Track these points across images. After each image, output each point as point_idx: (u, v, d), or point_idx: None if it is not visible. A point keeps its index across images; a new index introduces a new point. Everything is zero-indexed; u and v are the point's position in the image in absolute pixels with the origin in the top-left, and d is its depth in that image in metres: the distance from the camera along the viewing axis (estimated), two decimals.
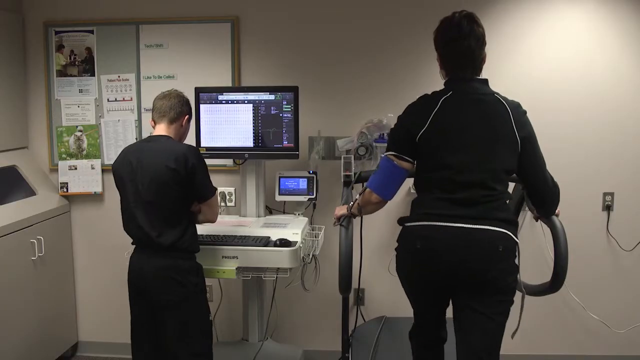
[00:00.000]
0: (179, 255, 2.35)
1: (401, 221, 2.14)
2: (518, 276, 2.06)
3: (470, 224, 1.96)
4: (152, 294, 2.35)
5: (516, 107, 2.05)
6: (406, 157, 2.06)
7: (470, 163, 1.97)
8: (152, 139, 2.43)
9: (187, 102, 2.50)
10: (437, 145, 2.01)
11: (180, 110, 2.45)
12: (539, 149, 2.07)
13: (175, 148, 2.33)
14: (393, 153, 2.08)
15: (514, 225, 2.02)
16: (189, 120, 2.51)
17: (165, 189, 2.30)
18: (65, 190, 3.40)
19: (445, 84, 2.09)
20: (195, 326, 2.40)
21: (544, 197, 2.16)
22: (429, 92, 2.10)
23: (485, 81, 2.07)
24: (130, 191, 2.35)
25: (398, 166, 2.08)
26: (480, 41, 2.03)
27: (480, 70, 2.08)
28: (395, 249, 2.16)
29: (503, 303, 2.05)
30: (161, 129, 2.43)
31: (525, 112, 2.07)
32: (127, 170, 2.36)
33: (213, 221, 2.51)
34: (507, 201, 2.06)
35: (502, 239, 1.97)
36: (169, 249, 2.32)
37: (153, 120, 2.47)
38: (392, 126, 2.16)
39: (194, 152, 2.36)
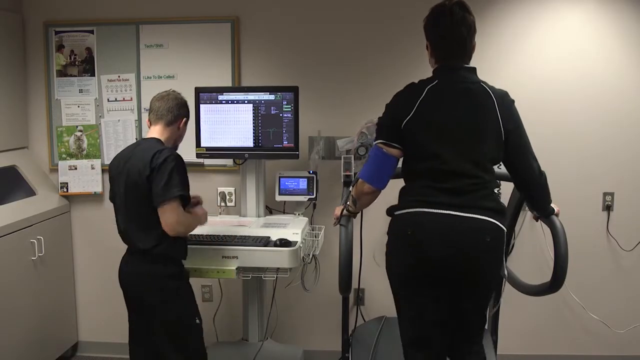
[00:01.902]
0: (157, 261, 2.28)
1: (390, 210, 2.13)
2: (504, 264, 2.07)
3: (458, 211, 1.95)
4: (134, 296, 2.35)
5: (502, 96, 2.04)
6: (394, 144, 2.05)
7: (455, 152, 1.97)
8: (141, 142, 2.39)
9: (184, 104, 2.44)
10: (421, 134, 2.00)
11: (178, 113, 2.40)
12: (526, 138, 2.07)
13: (151, 150, 2.24)
14: (381, 141, 2.07)
15: (501, 214, 2.02)
16: (186, 122, 2.46)
17: (139, 193, 2.24)
18: (65, 190, 3.40)
19: (433, 72, 2.09)
20: (181, 328, 2.36)
21: (530, 187, 2.14)
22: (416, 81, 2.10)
23: (473, 70, 2.07)
24: (116, 194, 2.35)
25: (387, 154, 2.07)
26: (472, 29, 2.04)
27: (469, 58, 2.08)
28: (386, 244, 2.14)
29: (487, 296, 2.10)
30: (155, 131, 2.38)
31: (512, 102, 2.06)
32: (114, 174, 2.36)
33: (170, 233, 2.24)
34: (495, 190, 2.05)
35: (489, 229, 1.97)
36: (147, 254, 2.27)
37: (149, 120, 2.43)
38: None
39: (166, 154, 2.23)
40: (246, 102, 2.92)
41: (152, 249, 2.26)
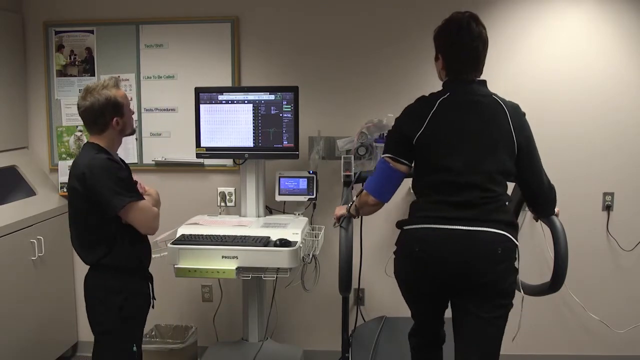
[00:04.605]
0: (107, 273, 2.19)
1: (400, 224, 2.13)
2: (517, 278, 2.05)
3: (469, 226, 1.94)
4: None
5: (515, 108, 2.04)
6: (402, 160, 2.05)
7: (468, 165, 1.96)
8: (82, 147, 2.26)
9: (108, 103, 2.16)
10: (434, 148, 2.00)
11: (104, 120, 2.17)
12: (537, 151, 2.07)
13: (79, 164, 2.13)
14: (389, 155, 2.07)
15: (513, 228, 2.01)
16: (121, 116, 2.21)
17: (76, 207, 2.18)
18: (65, 190, 3.39)
19: (443, 85, 2.08)
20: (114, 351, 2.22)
21: (539, 200, 2.15)
22: (427, 94, 2.09)
23: (484, 82, 2.07)
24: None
25: (394, 169, 2.07)
26: (486, 44, 2.04)
27: (481, 72, 2.07)
28: (394, 252, 2.14)
29: (502, 307, 2.03)
30: (93, 138, 2.22)
31: (524, 114, 2.06)
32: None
33: (147, 233, 2.26)
34: (507, 203, 2.04)
35: (501, 241, 1.96)
36: (96, 267, 2.20)
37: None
38: (391, 127, 2.15)
39: (92, 168, 2.10)
40: (246, 102, 2.91)
41: (99, 261, 2.17)
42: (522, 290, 2.16)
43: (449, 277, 1.99)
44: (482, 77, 2.09)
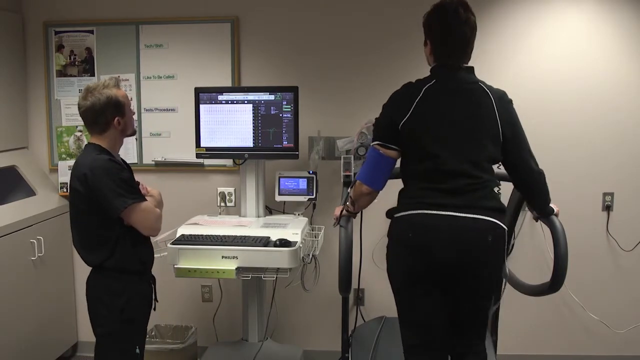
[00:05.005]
0: (109, 275, 2.18)
1: (389, 213, 2.13)
2: (505, 265, 2.07)
3: (459, 212, 1.95)
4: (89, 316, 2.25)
5: (500, 95, 2.05)
6: (391, 146, 2.05)
7: (453, 152, 1.97)
8: (84, 148, 2.26)
9: (109, 103, 2.15)
10: (419, 134, 2.00)
11: (105, 120, 2.16)
12: (524, 138, 2.07)
13: (81, 165, 2.13)
14: (378, 142, 2.07)
15: (501, 213, 2.02)
16: (122, 116, 2.19)
17: (77, 208, 2.18)
18: (65, 190, 3.39)
19: (431, 71, 2.09)
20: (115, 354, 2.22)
21: (529, 186, 2.15)
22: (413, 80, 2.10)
23: (471, 69, 2.07)
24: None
25: (384, 155, 2.06)
26: (474, 31, 2.04)
27: (469, 59, 2.08)
28: (387, 246, 2.13)
29: (489, 295, 2.08)
30: (94, 139, 2.21)
31: (510, 101, 2.07)
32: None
33: (149, 235, 2.24)
34: (496, 189, 2.04)
35: (490, 229, 1.97)
36: (98, 269, 2.20)
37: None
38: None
39: (94, 169, 2.09)
40: (246, 102, 2.92)
41: (102, 263, 2.17)
42: (507, 274, 2.17)
43: (443, 262, 1.97)
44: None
